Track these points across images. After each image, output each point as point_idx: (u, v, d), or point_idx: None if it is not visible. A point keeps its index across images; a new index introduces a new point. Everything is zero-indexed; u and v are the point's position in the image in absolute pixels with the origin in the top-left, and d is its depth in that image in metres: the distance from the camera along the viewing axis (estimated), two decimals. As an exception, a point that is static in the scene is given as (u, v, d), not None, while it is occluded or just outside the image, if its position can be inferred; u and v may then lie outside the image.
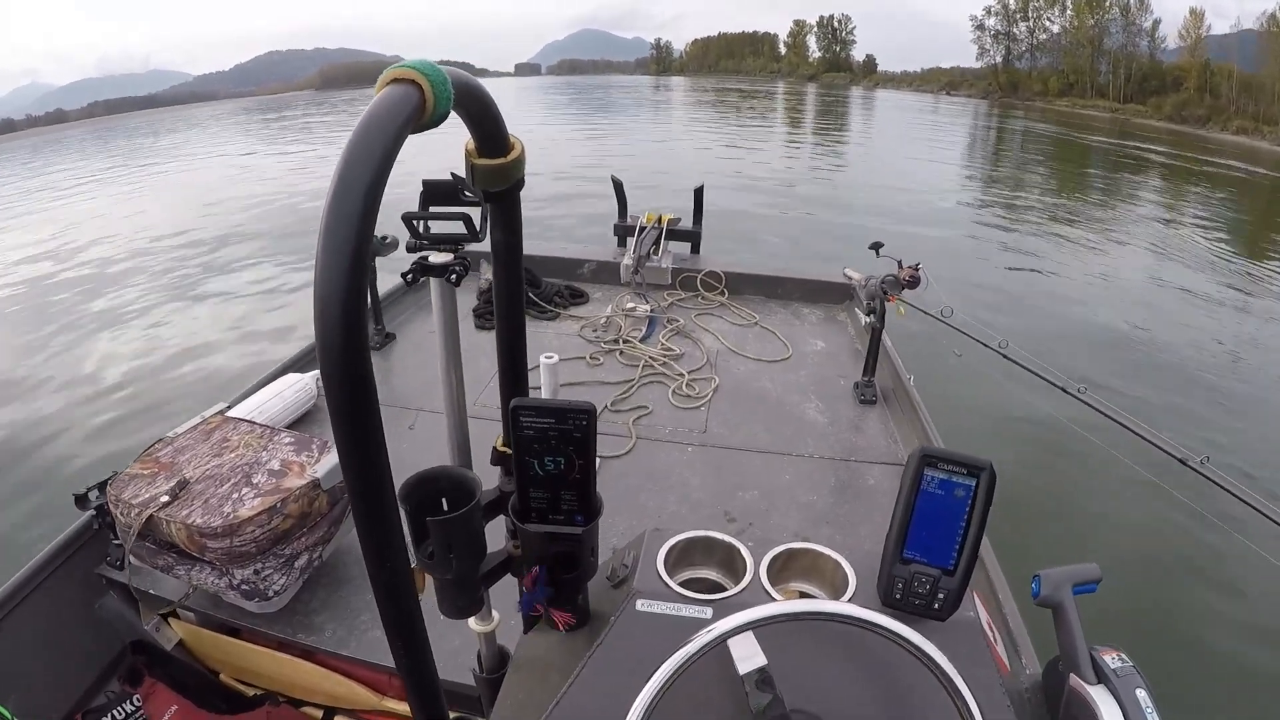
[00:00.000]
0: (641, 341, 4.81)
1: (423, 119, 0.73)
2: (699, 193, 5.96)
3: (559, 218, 14.83)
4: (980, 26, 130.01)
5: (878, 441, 3.86)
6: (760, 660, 1.02)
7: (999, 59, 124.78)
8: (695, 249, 6.08)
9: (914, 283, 3.89)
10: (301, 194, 19.44)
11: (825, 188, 21.47)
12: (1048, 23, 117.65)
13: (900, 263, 3.96)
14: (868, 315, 4.11)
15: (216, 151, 34.30)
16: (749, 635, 1.03)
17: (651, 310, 5.21)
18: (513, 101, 65.27)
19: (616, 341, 4.78)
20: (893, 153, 31.67)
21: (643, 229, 5.71)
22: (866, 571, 1.29)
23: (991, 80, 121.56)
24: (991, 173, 27.63)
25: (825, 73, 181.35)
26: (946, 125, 47.20)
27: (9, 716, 1.78)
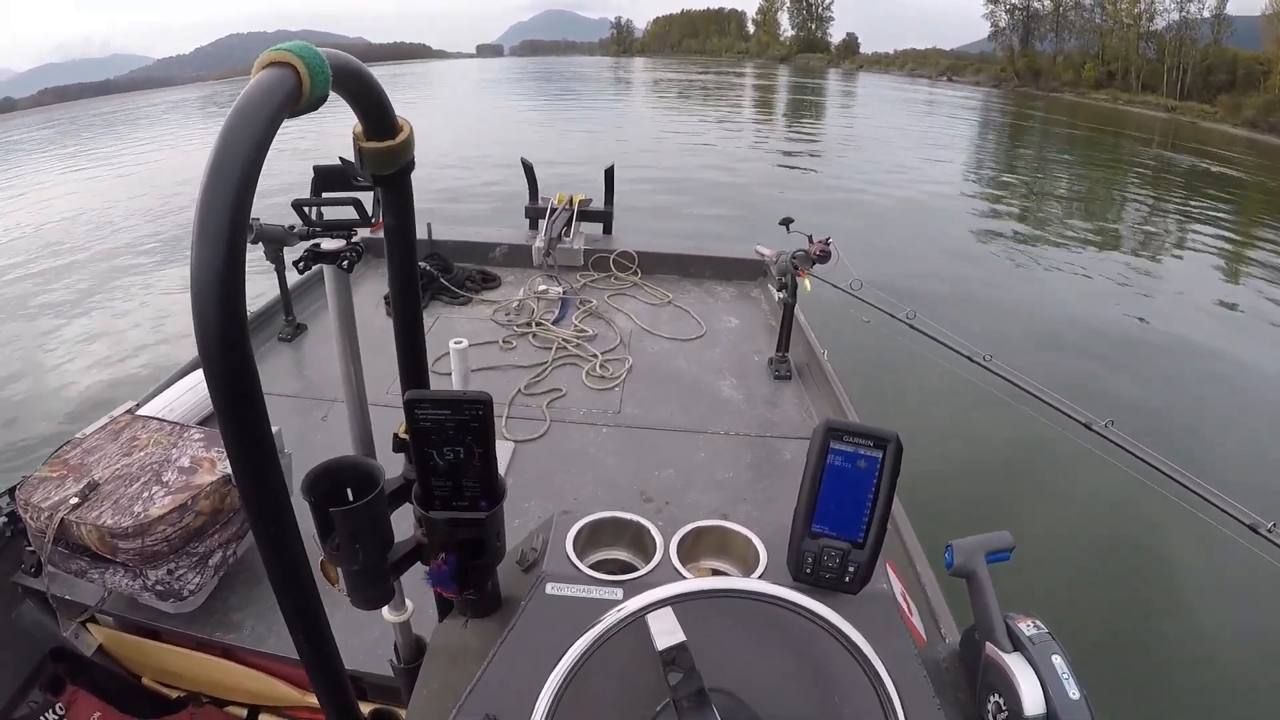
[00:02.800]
0: (554, 324, 4.80)
1: (299, 103, 0.72)
2: (610, 173, 5.97)
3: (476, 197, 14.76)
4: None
5: (793, 416, 3.89)
6: (679, 636, 1.03)
7: (1016, 40, 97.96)
8: (607, 229, 6.07)
9: (824, 257, 3.91)
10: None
11: (797, 187, 19.89)
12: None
13: (810, 237, 3.98)
14: (780, 291, 4.13)
15: (150, 141, 33.26)
16: (668, 611, 1.04)
17: (564, 292, 5.20)
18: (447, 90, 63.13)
19: (529, 325, 4.77)
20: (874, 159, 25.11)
21: (553, 210, 5.69)
22: (778, 547, 1.31)
23: (1007, 65, 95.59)
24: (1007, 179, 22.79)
25: (799, 53, 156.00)
26: (946, 121, 40.57)
27: None
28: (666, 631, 1.03)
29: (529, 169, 6.10)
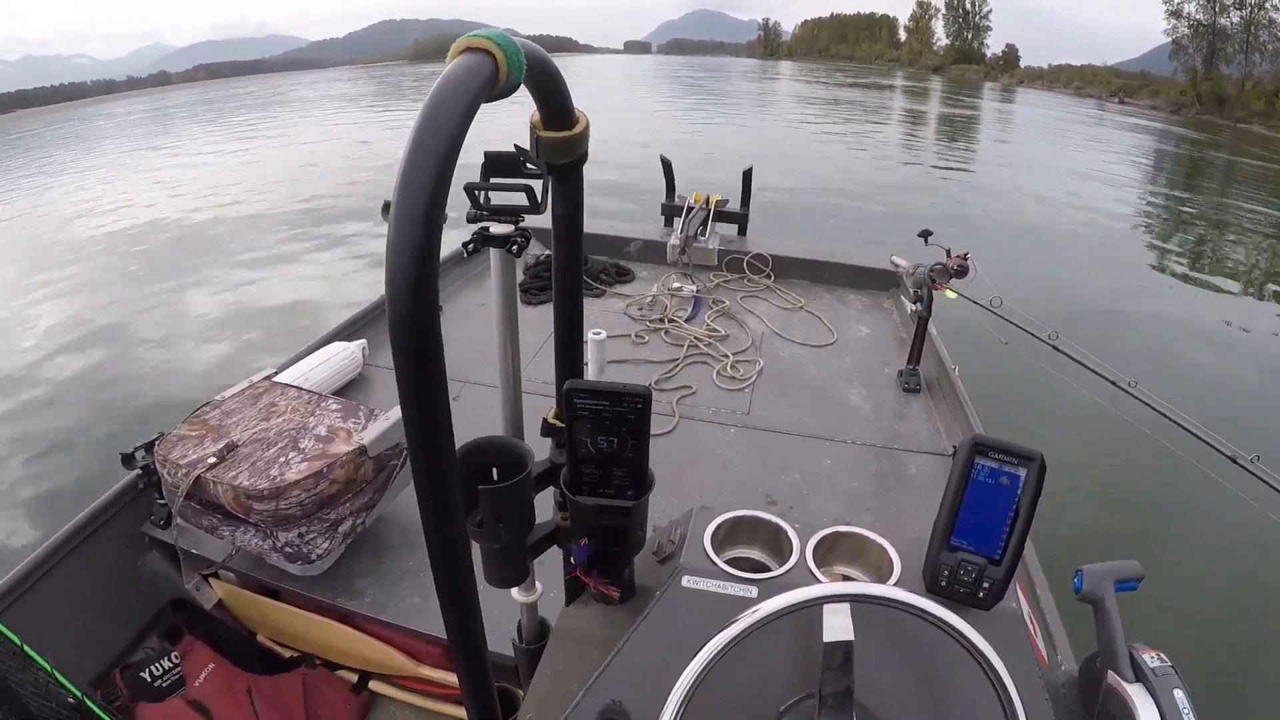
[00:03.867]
0: (687, 322, 4.81)
1: (495, 89, 0.73)
2: (748, 175, 5.94)
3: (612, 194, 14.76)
4: (1175, 13, 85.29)
5: (921, 430, 3.84)
6: (849, 635, 0.99)
7: (1199, 61, 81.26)
8: (742, 231, 6.06)
9: (962, 272, 3.85)
10: (365, 170, 19.36)
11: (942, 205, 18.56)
12: (1273, 11, 74.60)
13: (949, 251, 3.92)
14: (914, 303, 4.08)
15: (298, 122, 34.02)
16: (845, 608, 1.01)
17: (697, 291, 5.20)
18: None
19: (662, 321, 4.79)
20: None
21: (690, 209, 5.71)
22: (911, 558, 1.28)
23: (1189, 89, 79.71)
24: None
25: (954, 64, 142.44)
26: (1116, 148, 34.33)
27: (48, 669, 1.80)
28: (838, 628, 1.00)
29: (668, 166, 6.12)
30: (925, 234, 4.12)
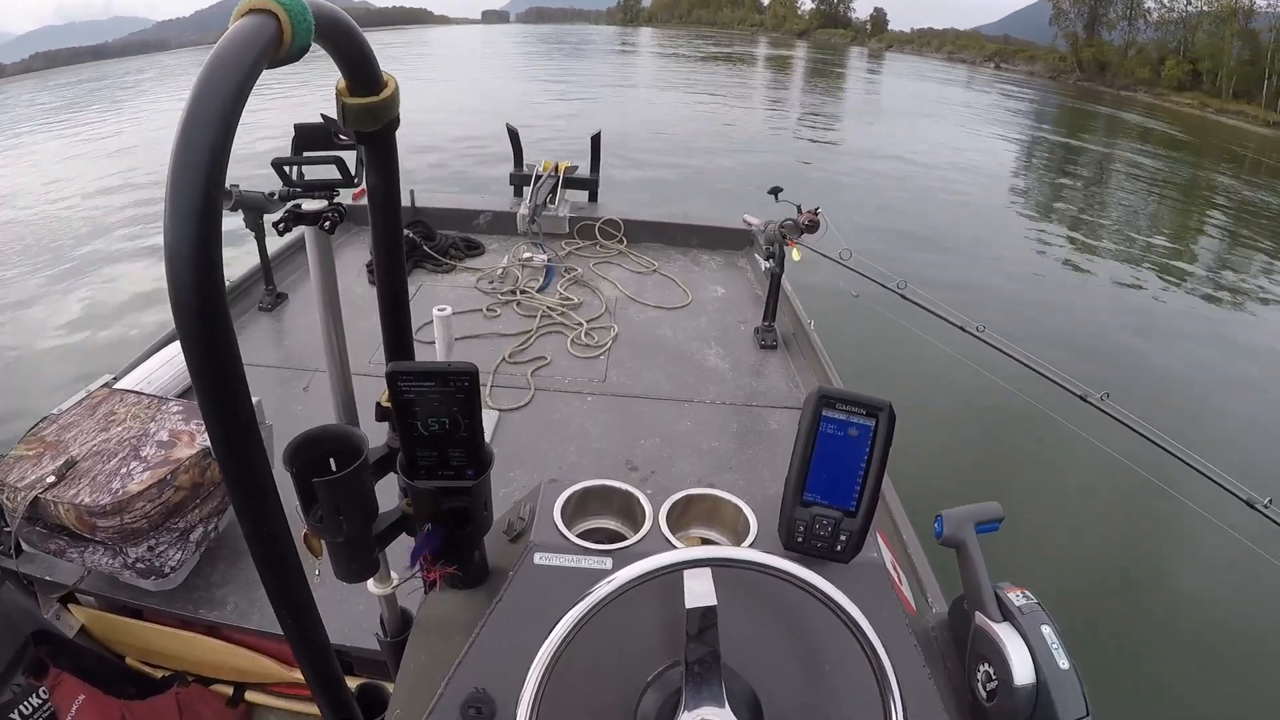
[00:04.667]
0: (539, 292, 4.79)
1: (279, 52, 0.68)
2: (596, 140, 5.95)
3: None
4: None
5: (779, 386, 3.89)
6: (711, 600, 0.99)
7: (1080, 27, 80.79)
8: (593, 197, 6.07)
9: (813, 227, 3.89)
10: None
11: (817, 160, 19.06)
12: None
13: (800, 207, 3.95)
14: (767, 260, 4.12)
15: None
16: (706, 573, 1.01)
17: (549, 260, 5.14)
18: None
19: (514, 293, 4.77)
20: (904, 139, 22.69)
21: (539, 177, 5.65)
22: (768, 516, 1.28)
23: (1071, 55, 79.43)
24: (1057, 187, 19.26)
25: (819, 28, 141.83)
26: (987, 113, 34.45)
27: None
28: (699, 593, 1.00)
29: (514, 135, 6.07)
30: (775, 191, 4.15)
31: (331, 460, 1.07)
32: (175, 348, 3.62)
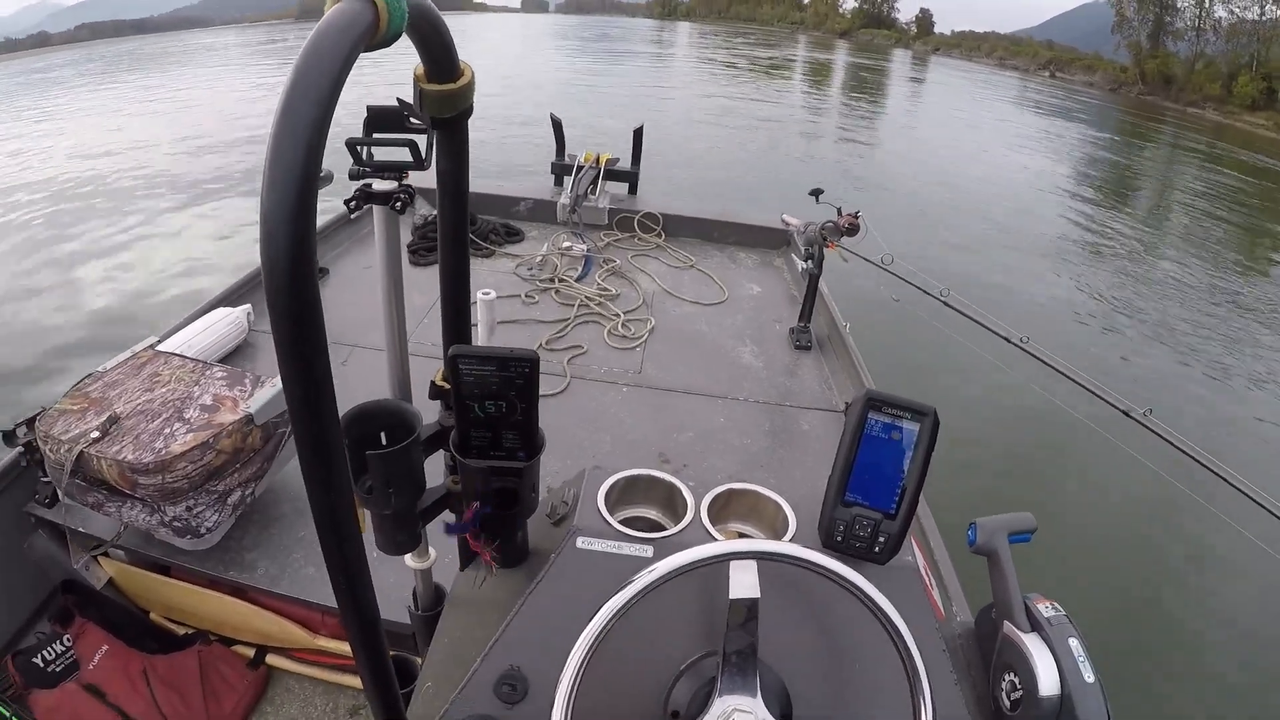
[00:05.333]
0: (577, 281, 4.80)
1: (374, 38, 0.69)
2: (638, 134, 5.95)
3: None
4: None
5: (812, 387, 3.89)
6: (755, 593, 1.00)
7: (1144, 37, 72.06)
8: (633, 190, 6.09)
9: (853, 230, 3.89)
10: (242, 130, 18.70)
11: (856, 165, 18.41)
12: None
13: (840, 209, 3.95)
14: (805, 261, 4.11)
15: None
16: (751, 565, 1.02)
17: (587, 250, 5.19)
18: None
19: (552, 280, 4.77)
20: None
21: (580, 168, 5.70)
22: (806, 514, 1.29)
23: (1133, 66, 70.58)
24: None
25: (862, 28, 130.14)
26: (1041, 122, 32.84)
27: None
28: (745, 584, 1.00)
29: (558, 125, 6.09)
30: (816, 192, 4.15)
31: (383, 434, 1.09)
32: (219, 314, 3.67)
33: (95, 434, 2.34)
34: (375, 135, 1.07)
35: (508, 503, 1.19)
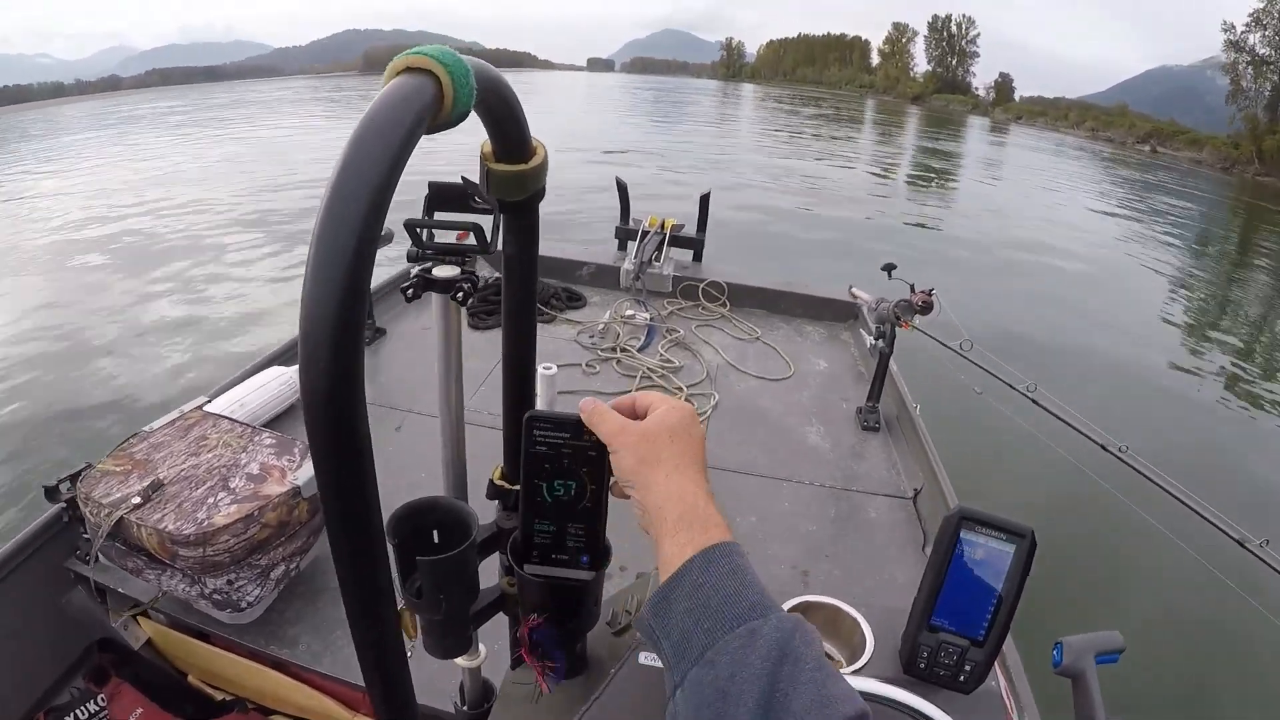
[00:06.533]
0: (640, 351, 4.72)
1: (438, 118, 0.62)
2: (705, 199, 5.90)
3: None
4: (1236, 45, 71.27)
5: (879, 472, 3.77)
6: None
7: (1260, 108, 66.12)
8: (698, 257, 6.03)
9: (927, 308, 3.79)
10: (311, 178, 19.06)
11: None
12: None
13: (913, 286, 3.86)
14: (876, 339, 4.02)
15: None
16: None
17: (650, 319, 5.12)
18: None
19: (614, 350, 4.70)
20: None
21: (645, 233, 5.66)
22: (886, 632, 1.23)
23: (1249, 140, 63.81)
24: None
25: (935, 93, 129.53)
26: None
27: None
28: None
29: (623, 189, 6.08)
30: (889, 267, 4.08)
31: (435, 532, 1.01)
32: (269, 374, 3.65)
33: (136, 499, 2.29)
34: (436, 216, 1.01)
35: (568, 615, 1.09)
